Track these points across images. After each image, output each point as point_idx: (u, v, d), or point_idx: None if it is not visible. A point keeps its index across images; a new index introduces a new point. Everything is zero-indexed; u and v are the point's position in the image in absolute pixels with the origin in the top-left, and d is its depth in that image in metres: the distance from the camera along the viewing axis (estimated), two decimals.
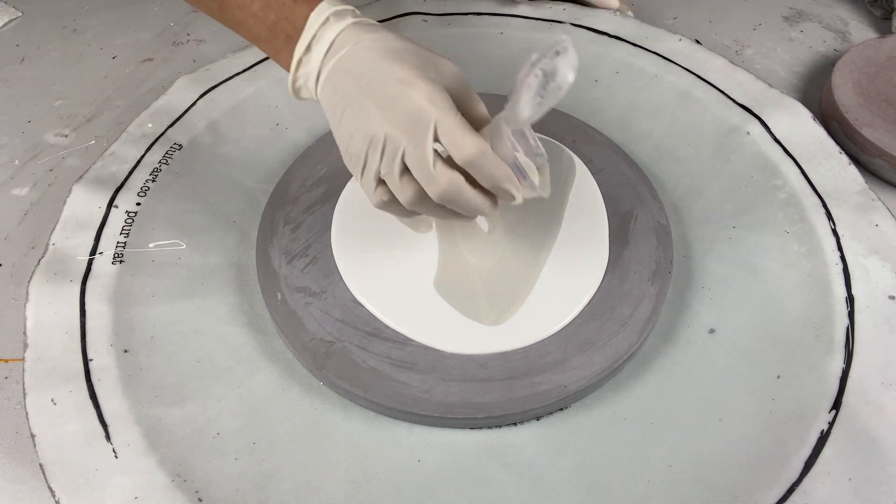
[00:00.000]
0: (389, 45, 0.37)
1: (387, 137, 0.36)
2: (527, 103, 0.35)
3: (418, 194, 0.37)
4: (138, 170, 0.50)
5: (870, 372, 0.41)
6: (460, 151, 0.35)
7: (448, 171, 0.36)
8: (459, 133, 0.35)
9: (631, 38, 0.60)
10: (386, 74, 0.36)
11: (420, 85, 0.35)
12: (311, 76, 0.39)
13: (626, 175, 0.50)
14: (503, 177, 0.36)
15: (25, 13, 0.67)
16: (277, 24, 0.39)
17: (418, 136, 0.35)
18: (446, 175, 0.36)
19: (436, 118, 0.35)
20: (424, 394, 0.40)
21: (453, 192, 0.36)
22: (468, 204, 0.37)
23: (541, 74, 0.36)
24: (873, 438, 0.39)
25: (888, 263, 0.46)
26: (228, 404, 0.40)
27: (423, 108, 0.35)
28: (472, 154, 0.35)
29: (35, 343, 0.41)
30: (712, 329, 0.44)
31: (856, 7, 0.69)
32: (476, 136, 0.35)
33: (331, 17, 0.38)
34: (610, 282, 0.44)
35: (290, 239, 0.46)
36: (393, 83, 0.36)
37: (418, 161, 0.36)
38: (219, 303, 0.44)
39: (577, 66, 0.34)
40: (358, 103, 0.37)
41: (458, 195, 0.36)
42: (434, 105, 0.35)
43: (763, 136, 0.52)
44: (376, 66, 0.37)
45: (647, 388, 0.42)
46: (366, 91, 0.36)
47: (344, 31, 0.38)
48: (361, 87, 0.37)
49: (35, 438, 0.37)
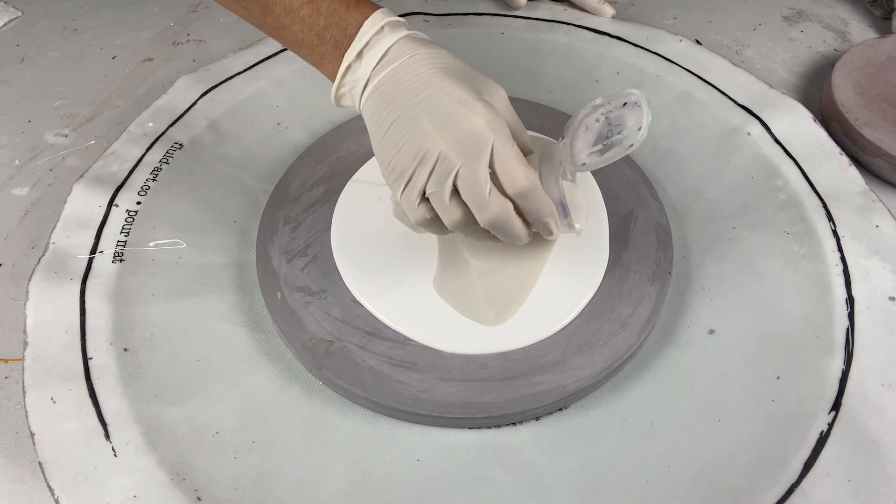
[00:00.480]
0: (446, 63, 0.37)
1: (440, 156, 0.35)
2: (584, 147, 0.35)
3: (466, 217, 0.37)
4: (139, 169, 0.50)
5: (869, 373, 0.41)
6: (513, 183, 0.35)
7: (501, 199, 0.36)
8: (515, 163, 0.35)
9: (632, 39, 0.60)
10: (444, 93, 0.36)
11: (479, 108, 0.35)
12: (358, 84, 0.38)
13: (626, 175, 0.50)
14: (548, 213, 0.37)
15: (25, 13, 0.67)
16: (327, 30, 0.39)
17: (474, 160, 0.35)
18: (499, 203, 0.36)
19: (494, 144, 0.35)
20: (424, 393, 0.40)
21: (503, 219, 0.36)
22: (511, 232, 0.37)
23: (603, 120, 0.36)
24: (873, 439, 0.39)
25: (888, 264, 0.46)
26: (228, 403, 0.40)
27: (481, 132, 0.35)
28: (524, 187, 0.35)
29: (35, 342, 0.41)
30: (712, 329, 0.44)
31: (856, 7, 0.69)
32: (530, 168, 0.36)
33: (385, 27, 0.38)
34: (610, 282, 0.44)
35: (290, 238, 0.46)
36: (451, 102, 0.35)
37: (472, 185, 0.35)
38: (219, 302, 0.45)
39: (650, 123, 0.34)
40: (410, 117, 0.36)
41: (506, 223, 0.37)
42: (493, 131, 0.35)
43: (763, 137, 0.52)
44: (433, 83, 0.36)
45: (646, 388, 0.42)
46: (420, 106, 0.36)
47: (398, 42, 0.38)
48: (416, 101, 0.36)
49: (34, 437, 0.37)
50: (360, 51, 0.38)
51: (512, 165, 0.35)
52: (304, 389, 0.41)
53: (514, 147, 0.36)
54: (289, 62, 0.57)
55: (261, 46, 0.59)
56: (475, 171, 0.35)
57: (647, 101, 0.34)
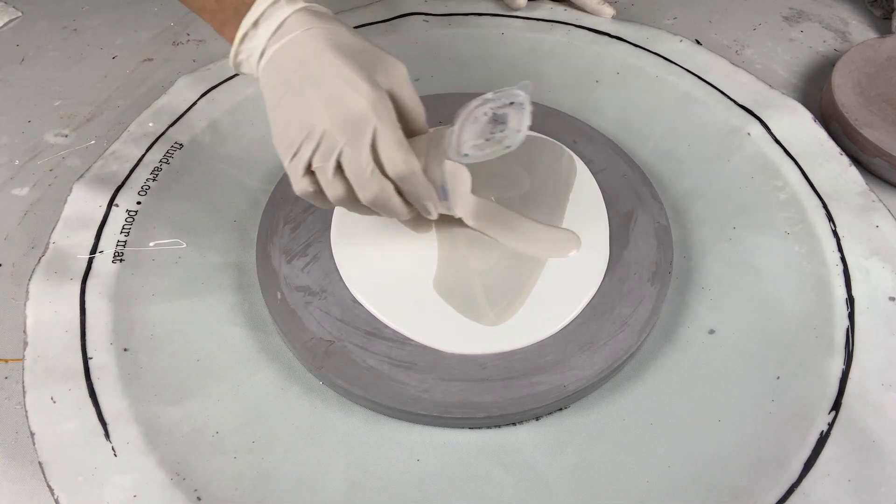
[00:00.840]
0: (340, 40, 0.37)
1: (325, 133, 0.36)
2: (469, 138, 0.37)
3: (348, 194, 0.38)
4: (139, 169, 0.50)
5: (870, 373, 0.41)
6: (393, 167, 0.36)
7: (381, 180, 0.36)
8: (395, 148, 0.36)
9: (632, 39, 0.60)
10: (333, 69, 0.36)
11: (365, 89, 0.36)
12: (254, 52, 0.39)
13: (626, 175, 0.50)
14: (427, 197, 0.38)
15: (25, 13, 0.67)
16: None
17: (356, 141, 0.36)
18: (379, 184, 0.36)
19: (375, 126, 0.35)
20: (424, 393, 0.40)
21: (382, 199, 0.37)
22: (392, 211, 0.38)
23: (490, 115, 0.37)
24: (873, 440, 0.39)
25: (888, 265, 0.46)
26: (228, 403, 0.40)
27: (365, 114, 0.35)
28: (403, 172, 0.36)
29: (35, 341, 0.41)
30: (712, 330, 0.44)
31: (856, 7, 0.69)
32: (410, 153, 0.36)
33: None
34: (610, 282, 0.44)
35: (290, 238, 0.46)
36: (338, 81, 0.36)
37: (353, 165, 0.36)
38: (219, 302, 0.45)
39: (529, 126, 0.36)
40: (300, 92, 0.37)
41: (386, 202, 0.37)
42: (376, 113, 0.35)
43: (764, 137, 0.52)
44: (324, 59, 0.37)
45: (646, 388, 0.42)
46: (310, 81, 0.36)
47: (295, 14, 0.38)
48: (306, 76, 0.37)
49: (34, 437, 0.37)
50: (257, 20, 0.38)
51: (392, 150, 0.36)
52: (304, 389, 0.41)
53: (397, 131, 0.36)
54: None
55: None
56: (357, 152, 0.36)
57: (530, 103, 0.35)
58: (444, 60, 0.59)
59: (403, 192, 0.38)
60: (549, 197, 0.48)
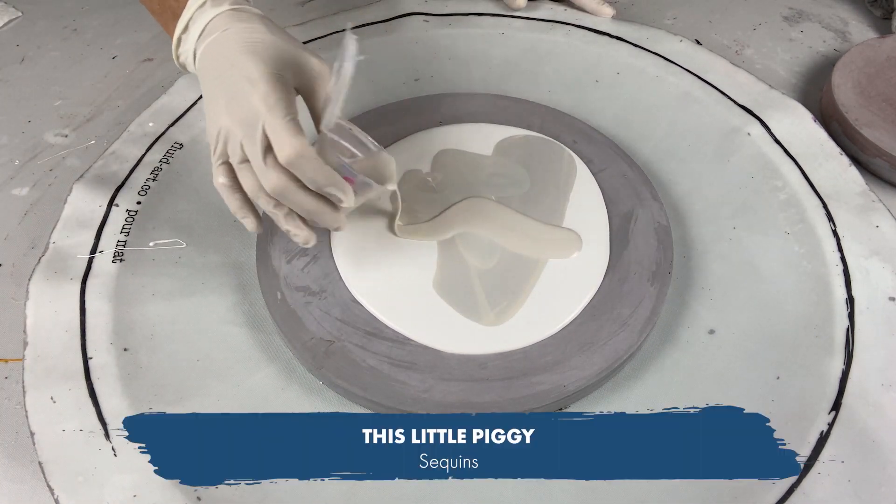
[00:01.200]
0: (253, 38, 0.39)
1: (229, 131, 0.38)
2: (333, 110, 0.38)
3: (257, 186, 0.39)
4: (139, 169, 0.50)
5: (870, 373, 0.41)
6: (280, 152, 0.37)
7: (278, 168, 0.37)
8: (282, 134, 0.36)
9: (632, 39, 0.60)
10: (238, 69, 0.38)
11: (260, 85, 0.37)
12: (188, 55, 0.42)
13: (626, 175, 0.50)
14: (325, 180, 0.38)
15: (25, 13, 0.67)
16: (166, 1, 0.42)
17: (249, 134, 0.37)
18: (275, 173, 0.37)
19: (264, 119, 0.36)
20: (423, 393, 0.40)
21: (282, 188, 0.38)
22: (301, 205, 0.39)
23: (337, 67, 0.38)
24: (873, 440, 0.39)
25: (888, 265, 0.46)
26: (228, 403, 0.40)
27: (255, 107, 0.37)
28: (289, 155, 0.36)
29: (35, 341, 0.41)
30: (712, 330, 0.44)
31: (856, 7, 0.69)
32: (299, 138, 0.37)
33: (208, 2, 0.40)
34: (610, 282, 0.44)
35: (289, 238, 0.46)
36: (240, 79, 0.37)
37: (251, 156, 0.38)
38: (219, 302, 0.44)
39: (355, 55, 0.37)
40: (212, 93, 0.39)
41: (289, 194, 0.38)
42: (266, 106, 0.36)
43: (764, 137, 0.52)
44: (233, 59, 0.38)
45: (646, 388, 0.42)
46: (219, 82, 0.38)
47: (217, 17, 0.40)
48: (217, 77, 0.39)
49: (34, 436, 0.37)
50: (187, 23, 0.41)
51: (279, 136, 0.36)
52: (304, 389, 0.41)
53: (286, 119, 0.37)
54: None
55: None
56: (251, 143, 0.37)
57: (354, 38, 0.37)
58: (444, 60, 0.59)
59: (303, 181, 0.38)
60: (549, 197, 0.48)
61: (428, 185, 0.49)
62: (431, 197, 0.48)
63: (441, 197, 0.48)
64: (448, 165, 0.50)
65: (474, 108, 0.54)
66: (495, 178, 0.49)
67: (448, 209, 0.47)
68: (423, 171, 0.50)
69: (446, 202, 0.48)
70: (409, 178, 0.49)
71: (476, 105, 0.55)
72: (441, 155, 0.51)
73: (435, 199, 0.48)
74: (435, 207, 0.48)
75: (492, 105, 0.55)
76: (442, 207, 0.48)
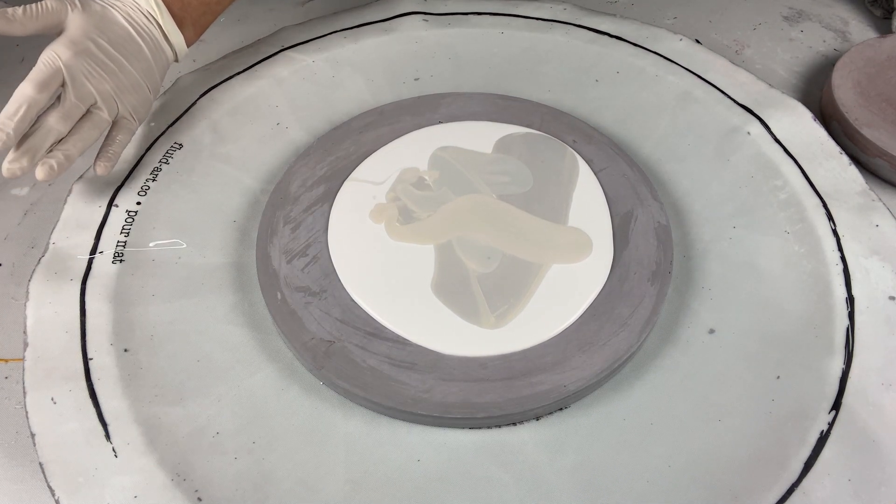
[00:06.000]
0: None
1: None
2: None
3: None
4: (139, 169, 0.50)
5: (870, 373, 0.41)
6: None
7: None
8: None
9: (631, 39, 0.60)
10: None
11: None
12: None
13: (626, 175, 0.50)
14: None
15: None
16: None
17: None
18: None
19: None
20: (424, 393, 0.40)
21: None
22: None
23: None
24: (873, 439, 0.39)
25: (888, 264, 0.46)
26: (228, 404, 0.40)
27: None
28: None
29: (35, 342, 0.41)
30: (712, 329, 0.44)
31: (856, 7, 0.69)
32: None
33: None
34: (610, 282, 0.44)
35: (289, 238, 0.46)
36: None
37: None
38: (219, 302, 0.45)
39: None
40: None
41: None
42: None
43: (763, 137, 0.52)
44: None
45: (646, 388, 0.42)
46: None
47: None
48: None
49: (35, 437, 0.37)
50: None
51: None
52: (304, 389, 0.41)
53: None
54: (289, 62, 0.57)
55: (261, 46, 0.59)
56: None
57: None
58: (443, 60, 0.59)
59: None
60: (552, 195, 0.48)
61: (425, 184, 0.49)
62: (429, 195, 0.48)
63: (439, 195, 0.48)
64: (446, 162, 0.50)
65: (474, 108, 0.54)
66: (496, 175, 0.49)
67: (447, 207, 0.47)
68: (421, 169, 0.50)
69: (445, 200, 0.48)
70: (406, 176, 0.49)
71: (476, 104, 0.55)
72: (439, 152, 0.51)
73: (433, 197, 0.48)
74: (433, 206, 0.48)
75: (492, 104, 0.55)
76: (440, 206, 0.48)
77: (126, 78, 0.46)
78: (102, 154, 0.46)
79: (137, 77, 0.47)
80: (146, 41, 0.47)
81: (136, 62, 0.47)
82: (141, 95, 0.47)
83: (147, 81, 0.48)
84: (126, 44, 0.46)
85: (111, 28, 0.46)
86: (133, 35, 0.46)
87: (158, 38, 0.48)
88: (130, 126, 0.47)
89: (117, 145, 0.47)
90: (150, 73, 0.48)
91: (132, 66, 0.46)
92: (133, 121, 0.47)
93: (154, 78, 0.49)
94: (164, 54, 0.49)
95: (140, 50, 0.47)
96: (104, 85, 0.45)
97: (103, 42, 0.45)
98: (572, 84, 0.58)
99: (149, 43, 0.47)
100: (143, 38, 0.47)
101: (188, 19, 0.50)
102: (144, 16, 0.47)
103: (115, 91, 0.45)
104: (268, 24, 0.66)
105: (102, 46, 0.45)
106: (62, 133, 0.44)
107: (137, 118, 0.48)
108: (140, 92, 0.47)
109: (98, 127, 0.45)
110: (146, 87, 0.48)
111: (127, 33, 0.46)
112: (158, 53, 0.48)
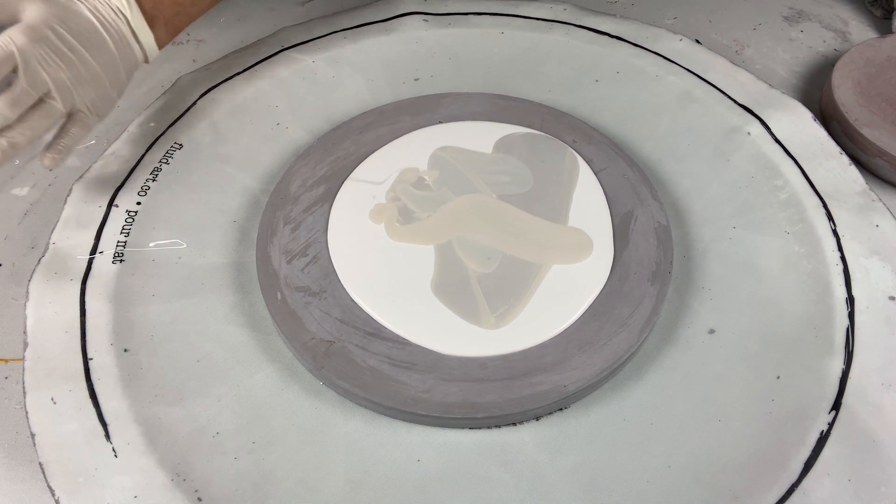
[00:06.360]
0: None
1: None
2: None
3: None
4: (139, 169, 0.50)
5: (870, 373, 0.41)
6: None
7: None
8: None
9: (631, 39, 0.60)
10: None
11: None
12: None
13: (626, 175, 0.50)
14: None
15: None
16: None
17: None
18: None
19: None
20: (424, 394, 0.40)
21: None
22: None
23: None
24: (873, 439, 0.39)
25: (888, 264, 0.46)
26: (228, 404, 0.40)
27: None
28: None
29: (35, 342, 0.41)
30: (712, 329, 0.44)
31: (856, 7, 0.69)
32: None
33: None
34: (610, 282, 0.44)
35: (289, 239, 0.46)
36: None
37: None
38: (218, 302, 0.45)
39: None
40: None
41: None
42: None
43: (763, 137, 0.52)
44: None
45: (646, 388, 0.42)
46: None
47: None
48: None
49: (35, 437, 0.37)
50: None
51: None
52: (304, 389, 0.41)
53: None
54: (288, 62, 0.57)
55: (261, 46, 0.59)
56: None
57: None
58: (443, 60, 0.59)
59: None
60: (552, 196, 0.48)
61: (424, 184, 0.49)
62: (429, 195, 0.48)
63: (439, 195, 0.48)
64: (446, 162, 0.50)
65: (474, 108, 0.54)
66: (496, 175, 0.49)
67: (447, 207, 0.47)
68: (421, 169, 0.50)
69: (445, 200, 0.48)
70: (406, 176, 0.49)
71: (476, 104, 0.55)
72: (439, 152, 0.51)
73: (433, 197, 0.48)
74: (433, 206, 0.48)
75: (492, 104, 0.55)
76: (440, 206, 0.48)
77: (85, 69, 0.43)
78: (53, 146, 0.44)
79: (98, 70, 0.44)
80: (112, 36, 0.45)
81: (99, 55, 0.44)
82: (101, 90, 0.45)
83: (109, 76, 0.45)
84: (89, 35, 0.44)
85: (73, 18, 0.43)
86: (97, 27, 0.44)
87: (126, 34, 0.46)
88: (87, 120, 0.45)
89: (70, 138, 0.44)
90: (113, 68, 0.45)
91: (93, 58, 0.44)
92: (90, 115, 0.45)
93: (118, 74, 0.46)
94: (132, 52, 0.47)
95: (104, 43, 0.44)
96: (60, 74, 0.42)
97: (63, 31, 0.42)
98: (572, 84, 0.58)
99: (115, 38, 0.45)
100: (109, 33, 0.45)
101: (160, 18, 0.48)
102: (113, 10, 0.45)
103: (71, 81, 0.43)
104: (268, 24, 0.66)
105: (62, 35, 0.42)
106: (9, 119, 0.41)
107: (96, 113, 0.45)
108: (100, 86, 0.45)
109: (50, 117, 0.43)
110: (107, 81, 0.45)
111: (91, 25, 0.44)
112: (125, 50, 0.46)
